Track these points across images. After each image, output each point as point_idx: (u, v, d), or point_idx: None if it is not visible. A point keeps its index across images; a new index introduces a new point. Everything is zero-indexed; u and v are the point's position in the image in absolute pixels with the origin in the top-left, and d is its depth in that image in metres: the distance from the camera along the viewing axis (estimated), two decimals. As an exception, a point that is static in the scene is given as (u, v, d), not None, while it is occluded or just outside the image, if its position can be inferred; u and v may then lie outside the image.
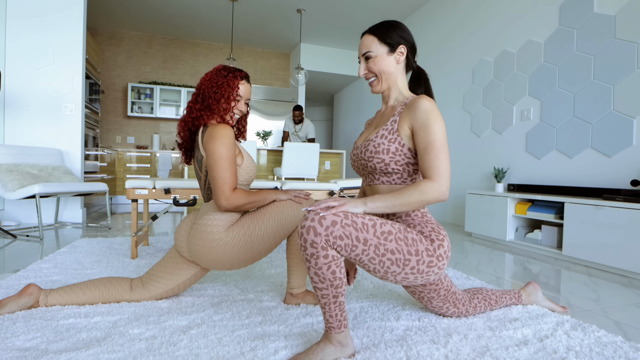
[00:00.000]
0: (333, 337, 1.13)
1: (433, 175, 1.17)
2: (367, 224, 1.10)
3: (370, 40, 1.33)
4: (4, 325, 1.33)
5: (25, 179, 3.15)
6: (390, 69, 1.33)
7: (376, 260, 1.11)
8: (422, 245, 1.18)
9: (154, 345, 1.21)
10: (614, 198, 2.49)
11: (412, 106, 1.25)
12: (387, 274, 1.15)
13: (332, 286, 1.08)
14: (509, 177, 3.80)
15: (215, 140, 1.43)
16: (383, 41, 1.31)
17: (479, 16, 4.32)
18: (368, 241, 1.08)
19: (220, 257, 1.46)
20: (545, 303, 1.64)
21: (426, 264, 1.18)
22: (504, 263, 2.61)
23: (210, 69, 7.18)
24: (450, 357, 1.17)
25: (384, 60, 1.32)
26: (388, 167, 1.27)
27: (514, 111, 3.78)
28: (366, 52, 1.33)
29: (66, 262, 2.26)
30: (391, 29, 1.32)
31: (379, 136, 1.29)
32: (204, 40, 7.06)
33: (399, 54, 1.33)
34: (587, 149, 3.03)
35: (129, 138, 6.75)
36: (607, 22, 2.92)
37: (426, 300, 1.41)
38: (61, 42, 3.87)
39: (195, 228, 1.49)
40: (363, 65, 1.36)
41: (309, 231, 1.04)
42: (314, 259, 1.05)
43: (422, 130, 1.21)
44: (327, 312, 1.12)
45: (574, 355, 1.20)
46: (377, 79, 1.36)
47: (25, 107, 3.79)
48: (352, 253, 1.08)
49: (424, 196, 1.15)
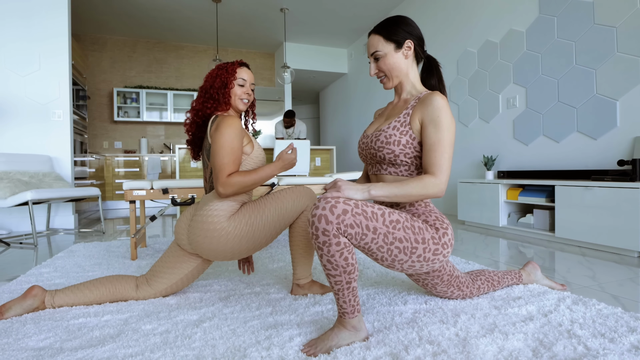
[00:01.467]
0: (347, 322, 1.15)
1: (436, 172, 1.21)
2: (377, 213, 1.12)
3: (377, 40, 1.34)
4: (14, 328, 1.32)
5: (16, 186, 3.10)
6: (400, 65, 1.35)
7: (384, 248, 1.14)
8: (428, 233, 1.22)
9: (169, 339, 1.22)
10: (602, 178, 2.57)
11: (425, 101, 1.27)
12: (394, 262, 1.18)
13: (345, 272, 1.09)
14: (499, 164, 3.88)
15: (220, 129, 1.45)
16: (389, 39, 1.33)
17: (460, 8, 4.39)
18: (377, 230, 1.11)
19: (222, 247, 1.47)
20: (545, 281, 1.70)
21: (432, 251, 1.21)
22: (499, 248, 2.68)
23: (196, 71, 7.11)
24: (460, 335, 1.20)
25: (392, 57, 1.34)
26: (397, 158, 1.30)
27: (499, 99, 3.86)
28: (374, 52, 1.35)
29: (66, 266, 2.24)
30: (396, 25, 1.33)
31: (391, 127, 1.31)
32: (188, 42, 7.02)
33: (407, 49, 1.34)
34: (574, 132, 3.11)
35: (116, 143, 6.67)
36: (586, 8, 3.00)
37: (430, 286, 1.45)
38: (46, 48, 3.81)
39: (195, 219, 1.50)
40: (373, 65, 1.38)
41: (320, 219, 1.05)
42: (326, 247, 1.06)
43: (431, 126, 1.24)
44: (340, 298, 1.13)
45: (579, 327, 1.25)
46: (388, 77, 1.38)
47: (13, 115, 3.73)
48: (361, 242, 1.10)
49: (424, 190, 1.18)
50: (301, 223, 1.59)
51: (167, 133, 7.01)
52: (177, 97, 6.91)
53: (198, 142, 1.69)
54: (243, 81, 1.60)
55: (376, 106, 6.40)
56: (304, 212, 1.59)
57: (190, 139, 1.67)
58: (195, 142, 1.68)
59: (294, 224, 1.61)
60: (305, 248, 1.63)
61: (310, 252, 1.65)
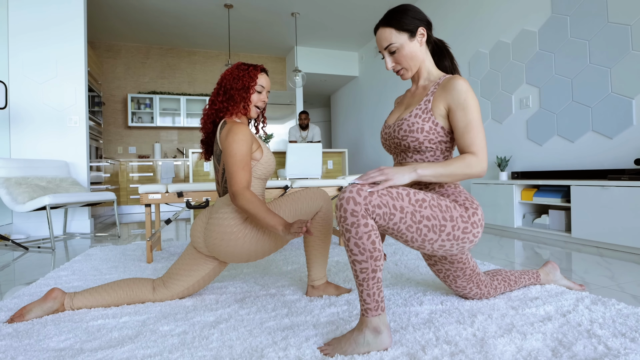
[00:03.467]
0: (369, 322, 1.09)
1: (476, 151, 1.22)
2: (402, 193, 1.13)
3: (389, 33, 1.32)
4: (35, 329, 1.35)
5: (34, 191, 3.17)
6: (417, 53, 1.34)
7: (413, 227, 1.13)
8: (457, 211, 1.21)
9: (186, 340, 1.23)
10: (619, 178, 2.52)
11: (447, 86, 1.27)
12: (424, 242, 1.17)
13: (371, 258, 1.07)
14: (512, 165, 3.84)
15: (231, 136, 1.46)
16: (401, 29, 1.31)
17: (472, 9, 4.37)
18: (404, 209, 1.11)
19: (239, 249, 1.48)
20: (564, 282, 1.67)
21: (461, 229, 1.20)
22: (515, 249, 2.65)
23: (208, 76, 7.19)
24: (478, 336, 1.19)
25: (408, 47, 1.32)
26: (422, 145, 1.29)
27: (512, 100, 3.82)
28: (388, 45, 1.33)
29: (83, 269, 2.28)
30: (404, 14, 1.31)
31: (413, 115, 1.30)
32: (201, 48, 7.10)
33: (420, 36, 1.33)
34: (589, 132, 3.07)
35: (130, 148, 6.77)
36: (600, 6, 2.96)
37: (451, 279, 1.44)
38: (63, 55, 3.90)
39: (211, 222, 1.51)
40: (389, 59, 1.36)
41: (348, 201, 1.05)
42: (354, 228, 1.05)
43: (460, 110, 1.24)
44: (364, 291, 1.09)
45: (599, 327, 1.23)
46: (406, 68, 1.36)
47: (30, 121, 3.82)
48: (390, 222, 1.09)
49: (469, 169, 1.19)
50: (317, 223, 1.60)
51: (180, 138, 7.09)
52: (189, 102, 7.00)
53: (211, 143, 1.70)
54: (261, 88, 1.60)
55: (388, 109, 6.39)
56: (318, 213, 1.59)
57: (204, 139, 1.68)
58: (209, 142, 1.69)
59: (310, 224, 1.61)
60: (320, 249, 1.63)
61: (325, 253, 1.65)
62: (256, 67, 1.60)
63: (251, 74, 1.57)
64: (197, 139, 7.20)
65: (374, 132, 6.90)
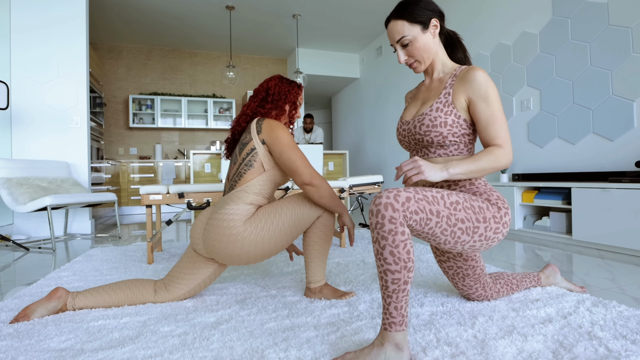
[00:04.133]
0: (391, 338, 1.02)
1: (502, 143, 1.20)
2: (436, 196, 1.10)
3: (401, 25, 1.29)
4: (36, 329, 1.35)
5: (35, 191, 3.17)
6: (430, 45, 1.31)
7: (448, 231, 1.11)
8: (489, 212, 1.20)
9: (187, 341, 1.23)
10: (620, 180, 2.52)
11: (466, 78, 1.24)
12: (457, 243, 1.16)
13: (405, 268, 1.02)
14: (513, 167, 3.84)
15: (279, 129, 1.54)
16: (414, 21, 1.28)
17: (473, 12, 4.38)
18: (440, 213, 1.09)
19: (237, 251, 1.46)
20: (564, 284, 1.67)
21: (493, 230, 1.20)
22: (515, 251, 2.64)
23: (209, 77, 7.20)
24: (479, 337, 1.19)
25: (421, 39, 1.29)
26: (446, 139, 1.26)
27: (513, 102, 3.83)
28: (400, 38, 1.29)
29: (84, 269, 2.28)
30: (416, 5, 1.28)
31: (434, 109, 1.27)
32: (202, 49, 7.12)
33: (433, 28, 1.30)
34: (590, 134, 3.07)
35: (131, 149, 6.78)
36: (600, 9, 2.97)
37: (460, 277, 1.44)
38: (65, 56, 3.91)
39: (211, 223, 1.49)
40: (401, 52, 1.32)
41: (387, 207, 1.01)
42: (391, 236, 1.01)
43: (482, 102, 1.22)
44: (392, 304, 1.02)
45: (599, 329, 1.23)
46: (419, 61, 1.33)
47: (32, 122, 3.83)
48: (425, 227, 1.08)
49: (497, 163, 1.18)
50: (317, 228, 1.60)
51: (181, 139, 7.10)
52: (191, 103, 7.01)
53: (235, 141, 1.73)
54: (299, 104, 1.76)
55: (389, 110, 6.39)
56: (319, 217, 1.59)
57: (230, 138, 1.72)
58: (235, 141, 1.72)
59: (309, 229, 1.61)
60: (320, 251, 1.63)
61: (324, 256, 1.64)
62: (299, 85, 1.76)
63: (296, 90, 1.73)
64: (198, 140, 7.21)
65: (374, 134, 6.90)
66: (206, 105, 7.09)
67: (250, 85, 7.54)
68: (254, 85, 7.56)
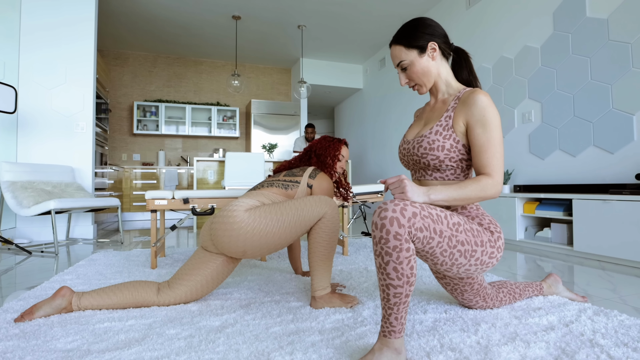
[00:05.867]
0: (391, 344, 1.05)
1: (491, 172, 1.18)
2: (440, 215, 1.09)
3: (399, 50, 1.31)
4: (42, 330, 1.37)
5: (39, 195, 3.20)
6: (429, 69, 1.31)
7: (447, 252, 1.10)
8: (485, 236, 1.19)
9: (193, 343, 1.25)
10: (621, 192, 2.55)
11: (468, 101, 1.23)
12: (453, 265, 1.14)
13: (407, 283, 1.02)
14: (515, 179, 3.86)
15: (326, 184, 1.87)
16: (410, 46, 1.29)
17: (475, 25, 4.45)
18: (443, 233, 1.07)
19: (235, 239, 1.53)
20: (566, 293, 1.68)
21: (488, 254, 1.19)
22: (517, 262, 2.66)
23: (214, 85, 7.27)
24: (482, 343, 1.20)
25: (419, 64, 1.30)
26: (442, 164, 1.26)
27: (515, 114, 3.87)
28: (399, 62, 1.31)
29: (88, 273, 2.29)
30: (415, 30, 1.29)
31: (433, 132, 1.27)
32: (207, 58, 7.20)
33: (431, 51, 1.29)
34: (590, 147, 3.10)
35: (134, 155, 6.82)
36: (600, 25, 3.02)
37: (458, 292, 1.45)
38: (72, 62, 3.97)
39: (217, 214, 1.61)
40: (402, 75, 1.34)
41: (392, 222, 0.99)
42: (396, 252, 0.99)
43: (479, 127, 1.19)
44: (392, 315, 1.04)
45: (601, 337, 1.24)
46: (419, 84, 1.34)
47: (38, 126, 3.87)
48: (427, 245, 1.06)
49: (483, 192, 1.16)
50: (320, 230, 1.60)
51: (185, 146, 7.15)
52: (195, 111, 7.07)
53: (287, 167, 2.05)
54: (342, 157, 2.05)
55: (392, 122, 6.44)
56: (322, 219, 1.60)
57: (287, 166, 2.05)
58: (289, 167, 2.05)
59: (313, 231, 1.61)
60: (325, 252, 1.61)
61: (329, 261, 1.63)
62: (341, 141, 2.05)
63: (335, 145, 2.02)
64: (201, 148, 7.25)
65: (377, 144, 6.94)
66: (210, 113, 7.14)
67: (254, 94, 7.61)
68: (258, 94, 7.63)
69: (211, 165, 4.95)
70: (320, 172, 1.90)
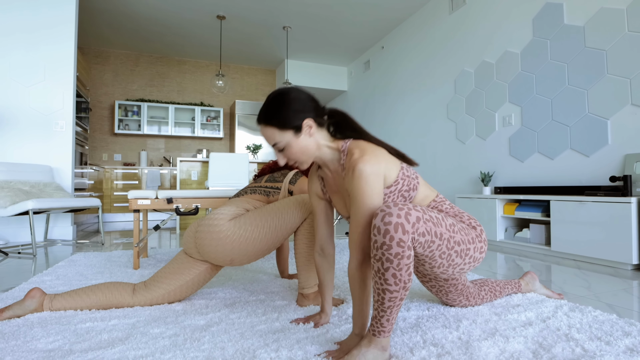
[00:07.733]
0: (379, 342, 1.06)
1: (350, 247, 1.15)
2: (439, 217, 1.09)
3: (271, 132, 1.18)
4: (21, 331, 1.34)
5: (17, 195, 3.12)
6: (308, 146, 1.19)
7: (446, 254, 1.10)
8: (473, 232, 1.21)
9: (177, 342, 1.24)
10: (595, 194, 2.64)
11: (349, 172, 1.13)
12: (449, 267, 1.15)
13: (403, 289, 1.01)
14: (495, 180, 3.95)
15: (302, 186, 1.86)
16: (283, 128, 1.16)
17: (458, 30, 4.54)
18: (443, 235, 1.07)
19: (221, 248, 1.52)
20: (543, 290, 1.74)
21: (478, 250, 1.22)
22: (497, 261, 2.72)
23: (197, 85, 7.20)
24: (463, 339, 1.24)
25: (296, 144, 1.18)
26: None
27: (496, 118, 3.96)
28: (274, 144, 1.19)
29: (68, 274, 2.25)
30: (284, 109, 1.16)
31: None
32: (191, 58, 7.14)
33: (307, 128, 1.18)
34: (567, 150, 3.20)
35: (115, 155, 6.70)
36: (577, 32, 3.13)
37: (443, 293, 1.48)
38: (52, 59, 3.89)
39: (201, 222, 1.58)
40: (279, 155, 1.22)
41: (397, 228, 0.96)
42: (397, 259, 0.97)
43: (352, 198, 1.12)
44: (384, 317, 1.04)
45: (576, 331, 1.29)
46: (299, 162, 1.22)
47: (15, 124, 3.77)
48: (427, 250, 1.05)
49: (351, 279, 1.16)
50: (305, 230, 1.63)
51: (167, 146, 7.06)
52: (178, 111, 7.00)
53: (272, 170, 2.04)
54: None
55: (376, 124, 6.50)
56: (306, 219, 1.63)
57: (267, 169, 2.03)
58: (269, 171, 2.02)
59: (299, 231, 1.63)
60: (311, 254, 1.64)
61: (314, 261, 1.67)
62: None
63: None
64: (184, 148, 7.18)
65: (360, 146, 6.98)
66: (194, 114, 7.08)
67: (238, 95, 7.57)
68: (242, 94, 7.60)
69: (194, 166, 4.91)
70: (302, 176, 1.86)
